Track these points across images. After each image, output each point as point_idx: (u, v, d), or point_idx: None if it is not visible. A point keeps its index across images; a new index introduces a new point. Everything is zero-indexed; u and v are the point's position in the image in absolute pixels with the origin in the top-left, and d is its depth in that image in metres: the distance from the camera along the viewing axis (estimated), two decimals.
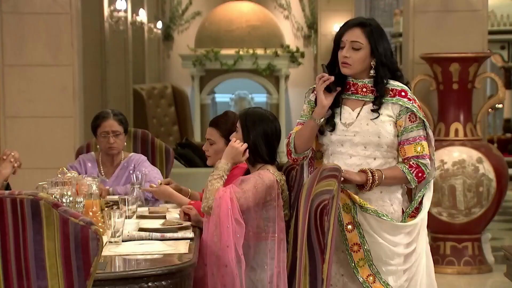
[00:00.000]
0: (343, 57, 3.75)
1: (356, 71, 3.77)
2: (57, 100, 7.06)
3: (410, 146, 3.76)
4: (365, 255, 3.70)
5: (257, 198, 3.93)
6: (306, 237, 3.49)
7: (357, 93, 3.80)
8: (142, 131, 5.78)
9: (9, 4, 7.02)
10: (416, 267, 3.78)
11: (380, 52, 3.75)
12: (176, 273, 3.27)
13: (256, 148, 4.07)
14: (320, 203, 3.45)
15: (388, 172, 3.73)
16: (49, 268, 2.79)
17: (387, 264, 3.72)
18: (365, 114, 3.77)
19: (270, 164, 4.10)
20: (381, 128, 3.74)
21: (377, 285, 3.70)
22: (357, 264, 3.70)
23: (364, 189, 3.71)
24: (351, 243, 3.71)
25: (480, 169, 6.73)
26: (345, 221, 3.71)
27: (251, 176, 4.00)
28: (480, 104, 7.09)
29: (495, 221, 7.87)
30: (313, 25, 15.02)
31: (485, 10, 7.18)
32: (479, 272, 6.83)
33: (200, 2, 15.27)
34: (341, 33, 3.77)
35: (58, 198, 3.83)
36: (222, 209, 3.84)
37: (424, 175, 3.76)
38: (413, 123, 3.76)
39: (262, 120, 4.12)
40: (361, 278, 3.70)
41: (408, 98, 3.76)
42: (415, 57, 7.08)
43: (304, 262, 3.51)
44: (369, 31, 3.75)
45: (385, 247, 3.70)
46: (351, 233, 3.71)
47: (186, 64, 14.46)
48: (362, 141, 3.74)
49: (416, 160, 3.74)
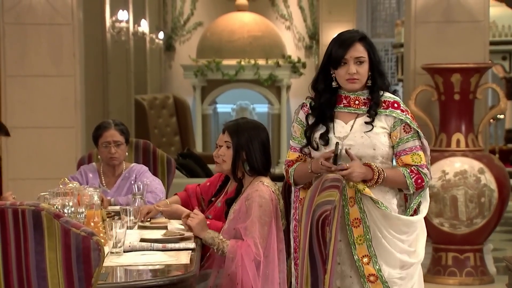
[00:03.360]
0: (351, 73, 3.74)
1: (361, 84, 3.79)
2: (58, 110, 7.07)
3: (407, 156, 3.78)
4: (365, 232, 3.69)
5: (267, 216, 3.93)
6: (307, 247, 3.49)
7: (350, 106, 3.81)
8: (143, 141, 5.78)
9: (12, 15, 7.04)
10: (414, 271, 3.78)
11: (376, 61, 3.79)
12: (178, 283, 3.27)
13: (251, 161, 4.05)
14: (321, 213, 3.45)
15: (390, 173, 3.74)
16: (50, 279, 2.78)
17: (384, 247, 3.70)
18: (359, 127, 3.77)
19: (263, 175, 4.08)
20: (376, 140, 3.75)
21: (370, 267, 3.69)
22: (356, 240, 3.70)
23: (366, 183, 3.71)
24: (352, 218, 3.71)
25: (481, 180, 6.73)
26: (348, 195, 3.72)
27: (250, 200, 3.96)
28: (482, 114, 7.09)
29: (497, 232, 7.86)
30: (315, 35, 15.03)
31: (487, 21, 7.18)
32: (481, 283, 6.81)
33: (202, 12, 15.30)
34: (343, 51, 3.75)
35: (60, 209, 3.83)
36: (247, 262, 3.85)
37: (423, 183, 3.77)
38: (408, 133, 3.78)
39: (256, 130, 4.10)
40: (356, 256, 3.70)
41: (401, 109, 3.79)
42: (416, 68, 7.09)
43: (306, 273, 3.51)
44: (367, 44, 3.79)
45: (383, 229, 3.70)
46: (352, 207, 3.71)
47: (187, 74, 14.47)
48: (357, 154, 3.74)
49: (416, 167, 3.76)
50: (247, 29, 14.28)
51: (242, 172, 4.09)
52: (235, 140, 4.07)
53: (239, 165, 4.08)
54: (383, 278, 3.70)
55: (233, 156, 4.07)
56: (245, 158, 4.06)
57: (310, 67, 15.07)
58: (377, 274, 3.70)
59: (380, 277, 3.70)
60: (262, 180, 4.04)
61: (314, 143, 3.80)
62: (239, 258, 3.85)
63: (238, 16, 14.45)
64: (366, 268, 3.69)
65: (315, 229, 3.46)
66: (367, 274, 3.69)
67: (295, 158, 3.90)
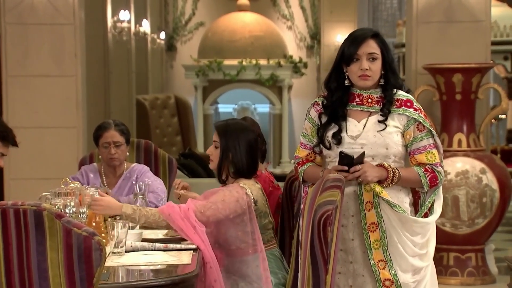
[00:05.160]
0: (363, 69, 3.74)
1: (374, 81, 3.78)
2: (60, 110, 7.07)
3: (422, 155, 3.77)
4: (381, 236, 3.69)
5: (226, 210, 3.90)
6: (309, 247, 3.48)
7: (362, 104, 3.80)
8: (145, 141, 5.78)
9: (13, 15, 7.04)
10: (425, 273, 3.79)
11: (390, 59, 3.79)
12: (180, 283, 3.27)
13: (237, 163, 4.03)
14: (323, 213, 3.45)
15: (404, 172, 3.74)
16: (52, 279, 2.79)
17: (399, 252, 3.70)
18: (372, 125, 3.77)
19: (245, 178, 4.07)
20: (389, 139, 3.75)
21: (386, 272, 3.69)
22: (372, 245, 3.70)
23: (382, 184, 3.71)
24: (369, 222, 3.70)
25: (483, 180, 6.73)
26: (365, 200, 3.71)
27: (219, 189, 3.98)
28: (483, 114, 7.09)
29: (499, 232, 7.86)
30: (316, 35, 15.03)
31: (488, 21, 7.18)
32: (483, 283, 6.81)
33: (203, 12, 15.30)
34: (355, 47, 3.75)
35: (61, 209, 3.83)
36: (178, 222, 3.81)
37: (437, 181, 3.76)
38: (421, 132, 3.78)
39: (244, 131, 4.08)
40: (372, 261, 3.69)
41: (414, 108, 3.78)
42: (418, 68, 7.08)
43: (308, 273, 3.51)
44: (380, 41, 3.78)
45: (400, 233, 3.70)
46: (369, 212, 3.71)
47: (189, 74, 14.48)
48: (370, 152, 3.74)
49: (431, 166, 3.76)
50: (248, 29, 14.28)
51: (227, 174, 4.08)
52: (223, 141, 4.06)
53: (225, 166, 4.06)
54: (398, 283, 3.69)
55: (220, 156, 4.06)
56: (231, 159, 4.04)
57: (311, 67, 15.07)
58: (392, 279, 3.69)
59: (396, 282, 3.69)
60: (239, 181, 4.02)
61: (327, 142, 3.79)
62: (166, 216, 3.82)
63: (240, 16, 14.45)
64: (382, 273, 3.69)
65: (317, 229, 3.46)
66: (383, 279, 3.69)
67: (305, 156, 3.90)
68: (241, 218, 3.93)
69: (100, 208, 3.92)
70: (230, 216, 3.91)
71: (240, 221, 3.94)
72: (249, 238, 3.95)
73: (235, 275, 4.01)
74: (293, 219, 4.30)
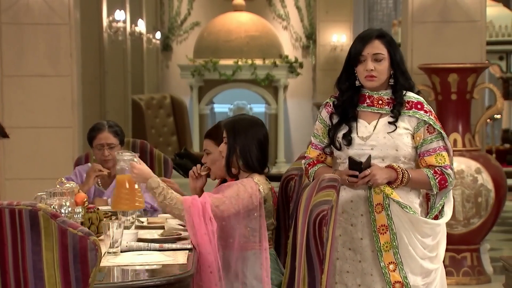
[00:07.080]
0: (368, 70, 3.72)
1: (381, 82, 3.76)
2: (56, 110, 7.06)
3: (431, 157, 3.76)
4: (391, 238, 3.68)
5: (239, 205, 3.91)
6: (305, 247, 3.48)
7: (373, 106, 3.79)
8: (140, 141, 5.78)
9: (8, 14, 7.03)
10: (436, 275, 3.79)
11: (398, 60, 3.77)
12: (175, 283, 3.27)
13: (246, 157, 4.04)
14: (319, 213, 3.45)
15: (414, 175, 3.73)
16: (47, 279, 2.78)
17: (409, 254, 3.70)
18: (382, 127, 3.76)
19: (258, 173, 4.08)
20: (399, 141, 3.74)
21: (396, 275, 3.68)
22: (382, 247, 3.69)
23: (391, 185, 3.70)
24: (379, 224, 3.70)
25: (478, 180, 6.74)
26: (374, 202, 3.71)
27: (233, 183, 3.98)
28: (479, 114, 7.10)
29: (494, 232, 7.87)
30: (312, 35, 15.04)
31: (484, 21, 7.19)
32: (478, 282, 6.82)
33: (199, 12, 15.30)
34: (360, 48, 3.74)
35: (57, 209, 3.83)
36: (194, 218, 3.82)
37: (447, 184, 3.75)
38: (431, 134, 3.78)
39: (253, 126, 4.09)
40: (382, 263, 3.69)
41: (424, 110, 3.77)
42: (413, 68, 7.09)
43: (303, 273, 3.51)
44: (387, 41, 3.76)
45: (411, 234, 3.70)
46: (379, 214, 3.70)
47: (184, 74, 14.47)
48: (380, 154, 3.73)
49: (440, 168, 3.75)
50: (244, 29, 14.28)
51: (238, 168, 4.09)
52: (231, 137, 4.07)
53: (232, 161, 4.07)
54: (408, 285, 3.69)
55: (227, 152, 4.07)
56: (239, 154, 4.05)
57: (307, 67, 15.07)
58: (403, 281, 3.69)
59: (406, 284, 3.69)
60: (254, 176, 4.03)
61: (337, 143, 3.79)
62: (186, 206, 3.83)
63: (235, 16, 14.45)
64: (392, 275, 3.69)
65: (312, 229, 3.46)
66: (393, 281, 3.68)
67: (316, 156, 3.90)
68: (251, 214, 3.94)
69: (136, 173, 3.95)
70: (241, 211, 3.92)
71: (248, 216, 3.94)
72: (254, 235, 3.95)
73: (235, 275, 4.00)
74: (289, 219, 4.29)
